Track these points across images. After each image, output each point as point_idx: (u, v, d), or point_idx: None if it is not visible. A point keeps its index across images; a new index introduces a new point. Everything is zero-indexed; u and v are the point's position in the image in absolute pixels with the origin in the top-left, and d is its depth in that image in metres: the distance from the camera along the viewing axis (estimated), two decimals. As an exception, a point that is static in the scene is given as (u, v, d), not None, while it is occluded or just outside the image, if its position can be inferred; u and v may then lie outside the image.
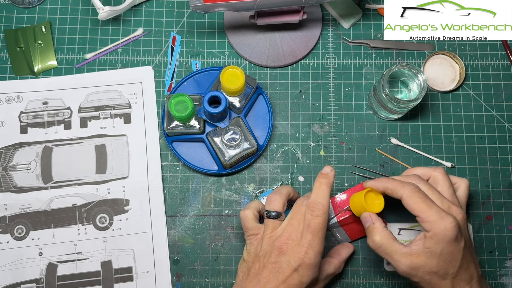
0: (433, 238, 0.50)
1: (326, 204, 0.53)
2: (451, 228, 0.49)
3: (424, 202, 0.51)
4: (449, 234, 0.49)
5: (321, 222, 0.52)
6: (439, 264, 0.50)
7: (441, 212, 0.50)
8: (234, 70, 0.64)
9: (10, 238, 0.66)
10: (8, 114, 0.70)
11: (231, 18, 0.74)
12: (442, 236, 0.49)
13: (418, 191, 0.52)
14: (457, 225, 0.50)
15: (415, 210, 0.51)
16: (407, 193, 0.52)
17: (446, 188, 0.56)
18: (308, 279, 0.52)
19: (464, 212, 0.53)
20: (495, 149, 0.71)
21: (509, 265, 0.67)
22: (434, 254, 0.50)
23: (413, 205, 0.51)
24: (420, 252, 0.51)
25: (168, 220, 0.68)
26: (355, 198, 0.59)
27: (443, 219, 0.50)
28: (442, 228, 0.49)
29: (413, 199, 0.52)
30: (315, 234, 0.51)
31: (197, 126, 0.66)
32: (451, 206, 0.53)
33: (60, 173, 0.68)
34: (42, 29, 0.74)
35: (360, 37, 0.75)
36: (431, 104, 0.73)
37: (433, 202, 0.52)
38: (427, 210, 0.51)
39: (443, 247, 0.50)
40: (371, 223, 0.54)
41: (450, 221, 0.50)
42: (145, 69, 0.73)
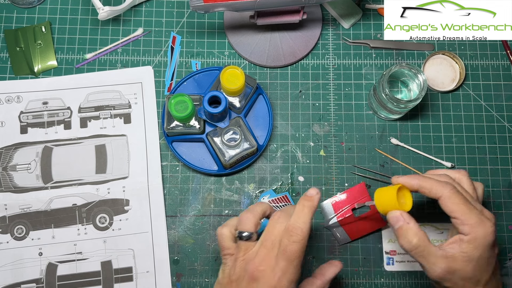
0: (471, 242, 0.48)
1: (306, 230, 0.49)
2: (491, 233, 0.48)
3: (464, 204, 0.49)
4: (489, 239, 0.48)
5: (298, 249, 0.48)
6: (475, 270, 0.48)
7: (481, 216, 0.48)
8: (234, 70, 0.64)
9: (10, 238, 0.66)
10: (8, 114, 0.70)
11: (231, 18, 0.74)
12: (482, 241, 0.47)
13: (457, 192, 0.50)
14: (495, 230, 0.48)
15: (455, 212, 0.49)
16: (447, 194, 0.49)
17: (472, 191, 0.53)
18: None
19: (494, 216, 0.51)
20: (495, 149, 0.71)
21: (509, 265, 0.67)
22: (472, 259, 0.48)
23: (452, 206, 0.49)
24: (456, 256, 0.48)
25: (168, 220, 0.68)
26: (384, 194, 0.53)
27: (484, 223, 0.48)
28: (482, 233, 0.47)
29: (452, 199, 0.49)
30: (290, 262, 0.48)
31: (197, 126, 0.66)
32: (484, 210, 0.50)
33: (60, 173, 0.68)
34: (42, 29, 0.74)
35: (360, 37, 0.75)
36: (431, 104, 0.73)
37: (472, 205, 0.49)
38: (467, 213, 0.48)
39: (481, 252, 0.48)
40: (405, 222, 0.50)
41: (490, 225, 0.48)
42: (145, 69, 0.73)
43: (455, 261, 0.48)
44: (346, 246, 0.68)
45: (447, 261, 0.48)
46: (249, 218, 0.52)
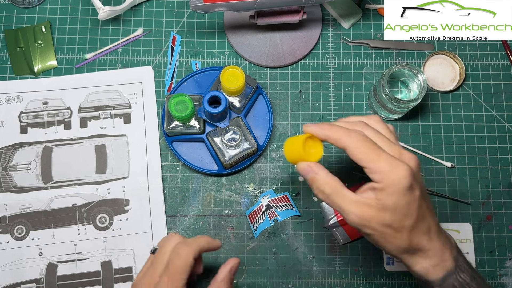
0: (384, 190, 0.44)
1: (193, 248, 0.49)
2: (405, 177, 0.43)
3: (372, 152, 0.45)
4: (402, 184, 0.43)
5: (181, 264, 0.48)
6: (393, 217, 0.44)
7: (393, 160, 0.44)
8: (234, 70, 0.64)
9: (10, 238, 0.66)
10: (8, 114, 0.70)
11: (231, 18, 0.74)
12: (395, 188, 0.44)
13: (365, 139, 0.45)
14: (411, 173, 0.44)
15: (363, 161, 0.45)
16: (354, 143, 0.45)
17: (387, 133, 0.49)
18: None
19: (417, 156, 0.47)
20: (495, 149, 0.71)
21: (509, 265, 0.67)
22: (386, 206, 0.44)
23: (359, 155, 0.45)
24: (371, 203, 0.45)
25: (168, 220, 0.68)
26: (291, 144, 0.51)
27: (396, 168, 0.44)
28: (394, 178, 0.43)
29: (359, 149, 0.45)
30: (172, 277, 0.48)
31: (197, 126, 0.66)
32: (402, 152, 0.46)
33: (60, 173, 0.68)
34: (42, 29, 0.74)
35: (360, 37, 0.75)
36: (431, 104, 0.73)
37: (382, 150, 0.45)
38: (376, 160, 0.44)
39: (396, 199, 0.44)
40: (314, 173, 0.47)
41: (403, 169, 0.44)
42: (145, 69, 0.73)
43: (370, 208, 0.45)
44: (346, 246, 0.68)
45: (362, 207, 0.45)
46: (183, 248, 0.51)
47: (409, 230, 0.45)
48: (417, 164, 0.46)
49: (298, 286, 0.66)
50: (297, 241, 0.68)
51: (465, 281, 0.47)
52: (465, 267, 0.48)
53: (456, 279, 0.47)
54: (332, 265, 0.67)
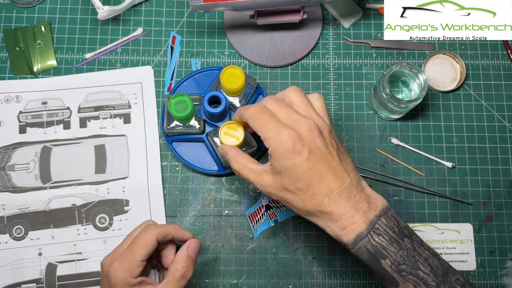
0: (272, 155, 0.47)
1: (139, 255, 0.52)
2: (285, 140, 0.46)
3: (263, 120, 0.48)
4: (283, 148, 0.46)
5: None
6: (284, 180, 0.47)
7: (279, 127, 0.47)
8: (234, 70, 0.63)
9: (9, 238, 0.66)
10: (7, 114, 0.70)
11: (231, 18, 0.74)
12: (279, 152, 0.46)
13: (261, 110, 0.49)
14: (294, 136, 0.46)
15: (257, 130, 0.49)
16: (250, 114, 0.50)
17: (299, 104, 0.50)
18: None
19: (317, 121, 0.48)
20: (495, 149, 0.71)
21: (510, 265, 0.67)
22: (277, 171, 0.47)
23: (254, 125, 0.49)
24: (268, 170, 0.49)
25: (168, 220, 0.67)
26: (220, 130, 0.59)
27: (278, 133, 0.47)
28: (276, 143, 0.46)
29: (255, 119, 0.49)
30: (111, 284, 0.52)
31: (197, 126, 0.65)
32: (298, 119, 0.48)
33: (59, 173, 0.68)
34: (41, 28, 0.73)
35: (361, 37, 0.75)
36: (431, 104, 0.72)
37: (273, 119, 0.48)
38: (264, 127, 0.48)
39: (282, 162, 0.46)
40: (225, 154, 0.54)
41: (284, 134, 0.46)
42: (145, 69, 0.72)
43: (267, 175, 0.49)
44: (347, 247, 0.67)
45: (262, 176, 0.49)
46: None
47: (304, 191, 0.47)
48: (310, 128, 0.47)
49: (298, 287, 0.66)
50: (297, 242, 0.67)
51: (381, 245, 0.47)
52: (383, 230, 0.47)
53: (369, 242, 0.46)
54: (332, 265, 0.67)
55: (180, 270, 0.51)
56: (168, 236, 0.53)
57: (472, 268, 0.67)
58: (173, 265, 0.52)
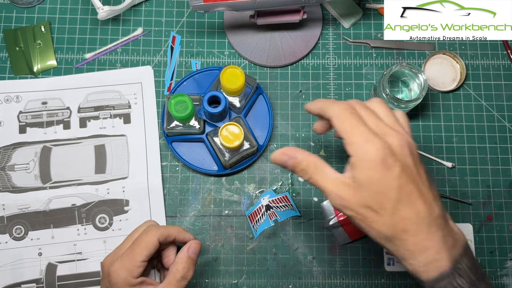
0: (356, 164, 0.41)
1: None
2: (375, 150, 0.40)
3: (351, 121, 0.42)
4: (372, 158, 0.40)
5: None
6: (369, 196, 0.41)
7: (369, 134, 0.41)
8: (234, 70, 0.63)
9: (9, 238, 0.66)
10: (7, 114, 0.70)
11: (231, 18, 0.74)
12: (366, 162, 0.41)
13: (349, 111, 0.43)
14: (386, 148, 0.41)
15: (341, 131, 0.43)
16: (336, 111, 0.44)
17: (386, 115, 0.45)
18: None
19: (407, 137, 0.43)
20: (495, 149, 0.71)
21: (510, 265, 0.67)
22: (361, 183, 0.41)
23: (338, 124, 0.43)
24: (347, 181, 0.42)
25: (168, 220, 0.67)
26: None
27: (368, 141, 0.41)
28: (364, 151, 0.41)
29: (341, 117, 0.43)
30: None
31: (197, 126, 0.65)
32: (388, 130, 0.43)
33: (59, 173, 0.68)
34: (41, 29, 0.73)
35: (361, 37, 0.75)
36: (431, 104, 0.72)
37: (361, 123, 0.43)
38: (351, 130, 0.42)
39: (368, 174, 0.41)
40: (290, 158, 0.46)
41: (375, 143, 0.41)
42: (145, 69, 0.72)
43: (347, 186, 0.42)
44: (346, 246, 0.67)
45: (340, 186, 0.43)
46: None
47: (390, 213, 0.41)
48: (401, 142, 0.42)
49: (298, 287, 0.66)
50: (297, 242, 0.67)
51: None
52: (466, 272, 0.41)
53: (450, 283, 0.41)
54: (332, 265, 0.67)
55: (181, 271, 0.51)
56: (170, 237, 0.53)
57: (472, 268, 0.67)
58: (174, 265, 0.52)
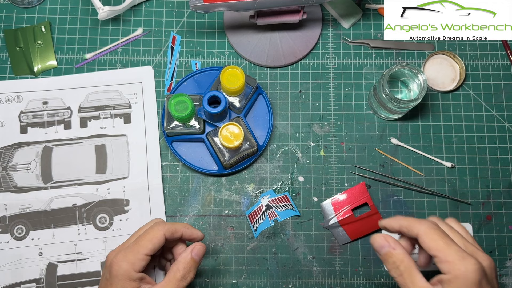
0: (452, 281, 0.43)
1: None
2: (473, 270, 0.43)
3: (442, 240, 0.45)
4: (471, 278, 0.43)
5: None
6: None
7: (462, 252, 0.44)
8: (234, 70, 0.64)
9: (10, 238, 0.66)
10: (8, 114, 0.70)
11: (231, 18, 0.74)
12: (464, 280, 0.43)
13: (437, 228, 0.46)
14: (481, 269, 0.43)
15: (433, 249, 0.45)
16: (424, 229, 0.46)
17: (464, 233, 0.49)
18: None
19: (492, 260, 0.46)
20: (495, 149, 0.71)
21: (509, 265, 0.67)
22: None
23: (430, 242, 0.45)
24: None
25: (168, 220, 0.68)
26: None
27: (465, 259, 0.43)
28: (463, 270, 0.43)
29: (430, 235, 0.46)
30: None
31: (197, 126, 0.66)
32: (476, 251, 0.46)
33: (60, 173, 0.68)
34: (41, 29, 0.73)
35: (360, 37, 0.75)
36: (431, 104, 0.72)
37: (453, 241, 0.46)
38: (446, 249, 0.44)
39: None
40: (390, 247, 0.48)
41: (472, 263, 0.43)
42: (145, 69, 0.73)
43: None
44: (346, 246, 0.68)
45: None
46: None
47: None
48: (491, 265, 0.45)
49: (298, 286, 0.66)
50: (297, 241, 0.68)
51: None
52: None
53: None
54: (332, 265, 0.67)
55: (181, 271, 0.51)
56: (177, 233, 0.53)
57: (471, 268, 0.67)
58: (175, 264, 0.52)
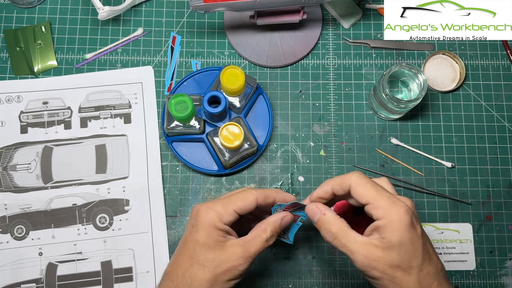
0: (388, 226, 0.44)
1: None
2: (404, 212, 0.44)
3: (373, 188, 0.46)
4: (404, 220, 0.44)
5: None
6: (400, 256, 0.44)
7: (392, 197, 0.46)
8: (234, 70, 0.64)
9: (10, 238, 0.66)
10: (8, 114, 0.70)
11: (231, 18, 0.74)
12: (398, 223, 0.44)
13: (366, 177, 0.48)
14: (409, 210, 0.45)
15: (365, 196, 0.46)
16: (355, 179, 0.47)
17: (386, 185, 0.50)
18: None
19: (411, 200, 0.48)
20: (495, 149, 0.71)
21: (509, 265, 0.67)
22: (393, 244, 0.44)
23: (362, 190, 0.46)
24: (377, 243, 0.45)
25: (168, 220, 0.68)
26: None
27: (396, 203, 0.45)
28: (396, 213, 0.44)
29: (362, 184, 0.47)
30: None
31: (197, 126, 0.66)
32: (399, 196, 0.48)
33: (60, 173, 0.68)
34: (42, 29, 0.74)
35: (360, 37, 0.75)
36: (431, 104, 0.73)
37: (382, 188, 0.47)
38: (377, 195, 0.46)
39: (401, 235, 0.44)
40: (321, 213, 0.48)
41: (402, 205, 0.45)
42: (145, 69, 0.73)
43: (376, 248, 0.45)
44: (346, 246, 0.68)
45: (369, 248, 0.45)
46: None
47: (418, 271, 0.44)
48: (413, 205, 0.47)
49: (298, 286, 0.66)
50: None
51: None
52: None
53: None
54: (332, 265, 0.67)
55: (268, 233, 0.49)
56: (269, 198, 0.51)
57: (471, 268, 0.67)
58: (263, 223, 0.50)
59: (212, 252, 0.47)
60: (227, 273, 0.47)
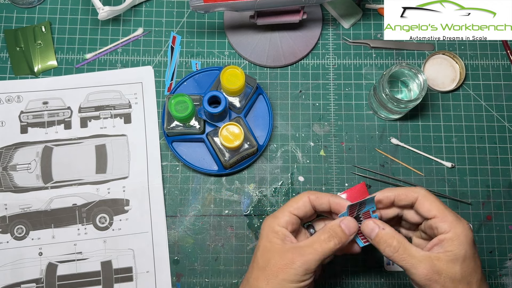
0: (454, 239, 0.46)
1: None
2: (469, 228, 0.47)
3: (439, 202, 0.49)
4: (469, 235, 0.46)
5: None
6: (463, 270, 0.45)
7: (457, 215, 0.48)
8: (234, 70, 0.64)
9: (10, 238, 0.66)
10: (8, 114, 0.70)
11: (231, 18, 0.74)
12: (464, 238, 0.46)
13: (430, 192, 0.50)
14: (470, 226, 0.48)
15: (433, 210, 0.48)
16: (424, 193, 0.49)
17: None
18: None
19: None
20: (495, 149, 0.71)
21: (509, 265, 0.67)
22: (458, 257, 0.45)
23: (430, 205, 0.48)
24: (440, 256, 0.46)
25: (168, 220, 0.68)
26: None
27: (461, 220, 0.47)
28: (462, 229, 0.46)
29: (430, 199, 0.49)
30: None
31: (197, 126, 0.66)
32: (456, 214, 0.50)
33: (60, 173, 0.68)
34: (42, 29, 0.74)
35: (360, 37, 0.75)
36: (431, 104, 0.73)
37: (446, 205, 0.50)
38: (444, 210, 0.48)
39: (466, 249, 0.46)
40: (380, 228, 0.49)
41: (466, 223, 0.47)
42: (145, 69, 0.73)
43: (439, 261, 0.46)
44: (346, 246, 0.68)
45: (431, 261, 0.46)
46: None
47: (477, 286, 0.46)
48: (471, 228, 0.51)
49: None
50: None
51: None
52: None
53: None
54: (332, 265, 0.67)
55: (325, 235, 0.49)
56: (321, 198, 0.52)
57: (471, 268, 0.67)
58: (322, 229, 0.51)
59: (268, 254, 0.49)
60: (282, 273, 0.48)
